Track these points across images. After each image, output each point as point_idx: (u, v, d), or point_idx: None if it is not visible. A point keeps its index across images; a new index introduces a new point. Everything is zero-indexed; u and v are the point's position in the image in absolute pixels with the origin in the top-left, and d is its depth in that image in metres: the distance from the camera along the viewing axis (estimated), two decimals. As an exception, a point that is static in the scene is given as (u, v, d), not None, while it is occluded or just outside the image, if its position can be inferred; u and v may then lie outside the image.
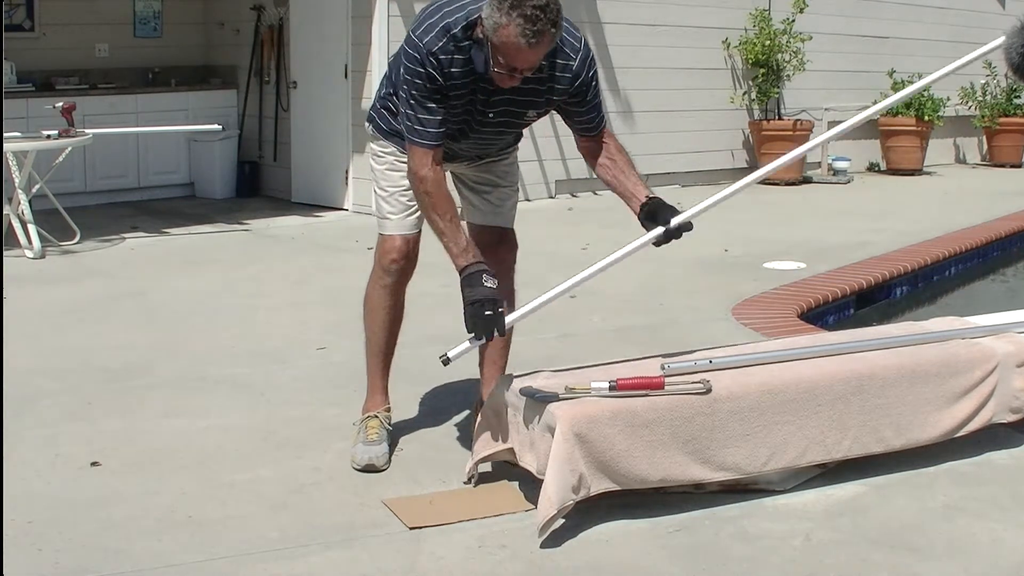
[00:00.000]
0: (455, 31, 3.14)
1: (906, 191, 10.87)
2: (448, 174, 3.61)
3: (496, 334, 3.14)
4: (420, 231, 3.56)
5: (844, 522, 3.13)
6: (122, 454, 3.63)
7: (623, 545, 2.97)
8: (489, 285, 3.10)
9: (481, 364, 3.72)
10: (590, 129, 3.45)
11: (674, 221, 3.33)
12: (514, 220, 3.70)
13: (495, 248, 3.60)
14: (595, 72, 3.36)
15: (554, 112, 3.46)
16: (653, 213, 3.35)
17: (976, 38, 13.26)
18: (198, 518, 3.13)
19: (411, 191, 3.48)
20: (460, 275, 3.15)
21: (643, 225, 3.38)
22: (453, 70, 3.16)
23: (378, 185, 3.60)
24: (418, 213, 3.50)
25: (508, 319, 3.20)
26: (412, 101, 3.21)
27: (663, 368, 3.26)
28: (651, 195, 3.39)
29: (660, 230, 3.32)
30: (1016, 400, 3.65)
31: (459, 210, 3.66)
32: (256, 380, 4.45)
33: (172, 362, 4.71)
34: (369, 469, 3.44)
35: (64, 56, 9.39)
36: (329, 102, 9.05)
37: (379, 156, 3.60)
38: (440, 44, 3.14)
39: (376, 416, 3.59)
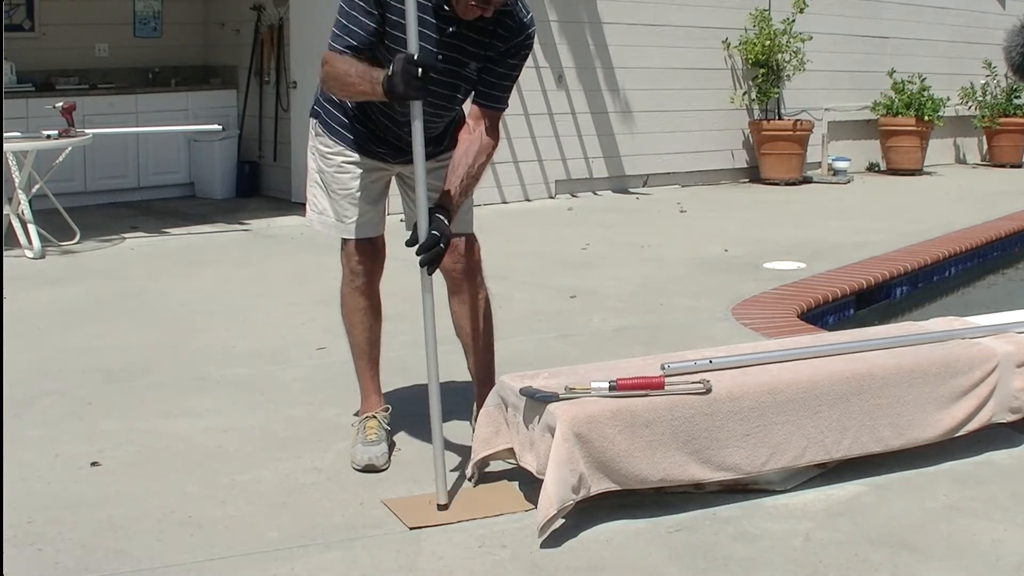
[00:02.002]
0: None
1: (906, 191, 10.88)
2: (395, 180, 3.58)
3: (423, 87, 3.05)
4: (384, 230, 3.53)
5: (844, 522, 3.13)
6: (122, 454, 3.63)
7: (623, 545, 2.97)
8: (395, 67, 3.00)
9: (469, 366, 3.70)
10: (489, 99, 3.37)
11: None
12: (473, 224, 3.61)
13: (462, 252, 3.52)
14: (527, 53, 3.36)
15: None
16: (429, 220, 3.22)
17: (976, 38, 13.38)
18: (198, 518, 3.13)
19: (365, 192, 3.45)
20: (383, 87, 3.04)
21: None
22: None
23: (328, 188, 3.52)
24: (378, 219, 3.50)
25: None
26: (343, 17, 3.19)
27: (663, 368, 3.26)
28: (440, 205, 3.24)
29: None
30: (1016, 400, 3.65)
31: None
32: (256, 380, 4.45)
33: (172, 362, 4.71)
34: (369, 469, 3.43)
35: (64, 56, 9.39)
36: (329, 102, 9.05)
37: (327, 158, 3.51)
38: None
39: (374, 416, 3.59)
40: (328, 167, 3.52)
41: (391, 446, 3.60)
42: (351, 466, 3.47)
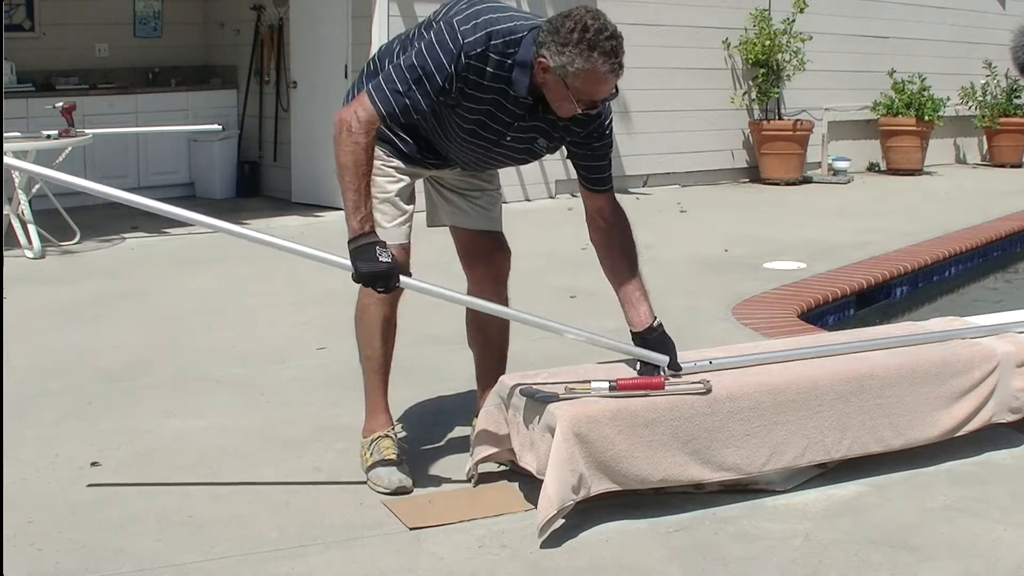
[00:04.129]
0: (496, 42, 3.02)
1: (906, 191, 10.88)
2: (423, 181, 3.53)
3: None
4: (410, 237, 3.44)
5: (844, 522, 3.13)
6: (122, 454, 3.63)
7: (623, 545, 2.97)
8: (384, 260, 2.98)
9: (478, 377, 3.69)
10: (598, 182, 3.35)
11: (683, 368, 3.28)
12: (502, 223, 3.61)
13: (491, 255, 3.52)
14: (608, 133, 3.30)
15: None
16: (662, 346, 3.28)
17: (976, 38, 13.35)
18: (198, 518, 3.12)
19: (400, 196, 3.36)
20: (352, 241, 3.02)
21: (636, 341, 3.32)
22: (482, 81, 3.05)
23: None
24: (410, 222, 3.40)
25: (405, 282, 3.08)
26: (410, 76, 3.04)
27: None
28: (657, 322, 3.31)
29: (665, 360, 3.26)
30: (1016, 400, 3.65)
31: (441, 218, 3.59)
32: (256, 380, 4.45)
33: (172, 362, 4.71)
34: (400, 491, 3.28)
35: (64, 56, 9.39)
36: (329, 102, 9.02)
37: None
38: (479, 51, 3.01)
39: (388, 435, 3.43)
40: None
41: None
42: (376, 488, 3.30)
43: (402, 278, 3.05)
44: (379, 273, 2.98)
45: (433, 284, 3.16)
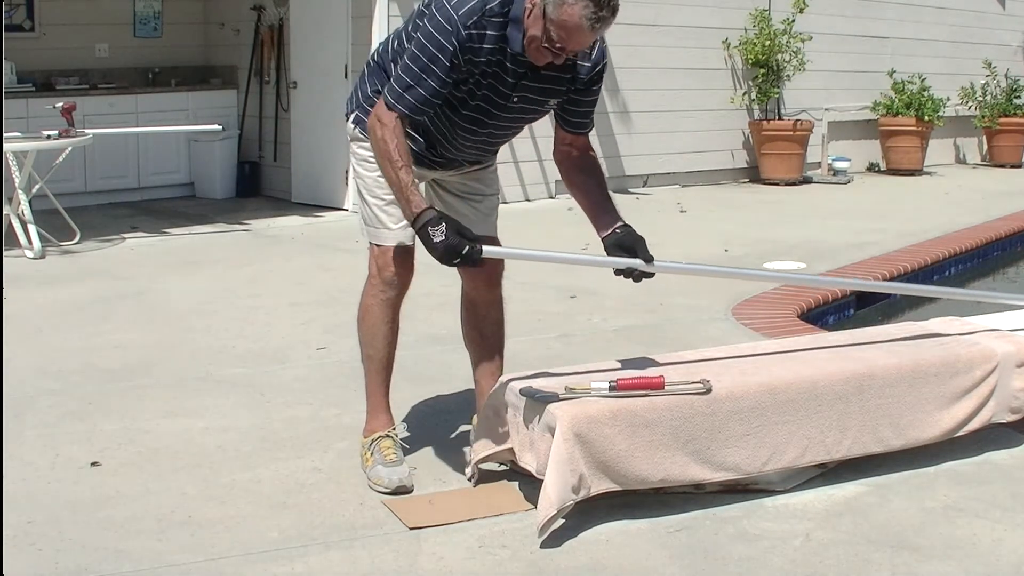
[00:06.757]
0: (491, 5, 3.04)
1: (906, 191, 10.88)
2: (425, 185, 3.50)
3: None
4: (415, 240, 3.40)
5: (844, 522, 3.13)
6: (122, 454, 3.63)
7: (623, 545, 2.97)
8: (437, 240, 2.97)
9: (476, 376, 3.68)
10: (583, 126, 3.39)
11: (656, 267, 3.34)
12: (497, 227, 3.62)
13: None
14: (603, 76, 3.34)
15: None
16: (630, 247, 3.32)
17: (976, 38, 13.33)
18: (198, 518, 3.13)
19: None
20: (414, 222, 3.02)
21: (609, 251, 3.35)
22: (484, 46, 3.06)
23: (370, 193, 3.41)
24: None
25: (486, 251, 3.08)
26: (417, 67, 3.06)
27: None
28: (625, 223, 3.35)
29: (639, 262, 3.31)
30: (1016, 400, 3.65)
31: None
32: (256, 380, 4.45)
33: (172, 362, 4.71)
34: (400, 491, 3.29)
35: (64, 56, 9.39)
36: (329, 102, 9.04)
37: (370, 161, 3.35)
38: (475, 19, 3.03)
39: (388, 436, 3.44)
40: (370, 172, 3.36)
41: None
42: (377, 489, 3.31)
43: (486, 248, 3.07)
44: (439, 252, 2.98)
45: (517, 248, 3.37)
